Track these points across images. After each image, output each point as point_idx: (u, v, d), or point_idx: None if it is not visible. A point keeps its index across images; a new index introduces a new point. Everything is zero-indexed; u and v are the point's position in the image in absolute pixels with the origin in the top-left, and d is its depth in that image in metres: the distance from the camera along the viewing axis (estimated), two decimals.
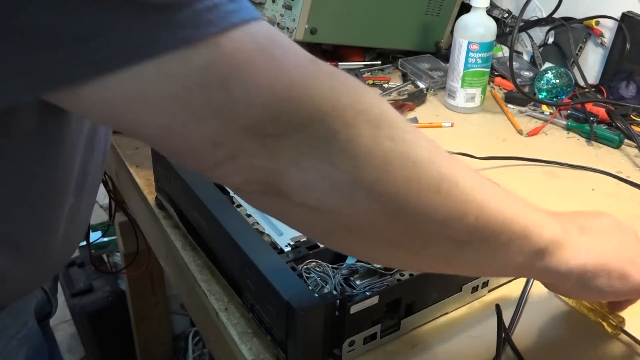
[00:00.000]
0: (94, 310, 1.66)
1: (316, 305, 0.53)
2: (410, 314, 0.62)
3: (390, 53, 1.28)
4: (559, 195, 0.88)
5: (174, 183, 0.74)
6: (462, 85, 1.11)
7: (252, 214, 0.67)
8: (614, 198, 0.89)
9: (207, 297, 0.67)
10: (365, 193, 0.39)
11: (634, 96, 1.11)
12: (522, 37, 1.30)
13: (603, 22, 1.17)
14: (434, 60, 1.27)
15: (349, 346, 0.57)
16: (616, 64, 1.13)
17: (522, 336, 0.63)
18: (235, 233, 0.61)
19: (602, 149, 1.02)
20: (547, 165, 0.96)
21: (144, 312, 1.62)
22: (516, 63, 1.22)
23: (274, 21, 1.10)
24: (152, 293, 1.59)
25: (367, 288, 0.58)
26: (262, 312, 0.60)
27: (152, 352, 1.70)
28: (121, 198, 1.10)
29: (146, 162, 0.90)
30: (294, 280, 0.56)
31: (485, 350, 0.61)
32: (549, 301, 0.68)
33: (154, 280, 1.57)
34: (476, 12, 1.07)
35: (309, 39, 1.11)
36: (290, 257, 0.60)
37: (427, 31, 1.27)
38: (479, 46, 1.07)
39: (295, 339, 0.54)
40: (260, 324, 0.60)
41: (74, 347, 1.98)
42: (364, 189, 0.39)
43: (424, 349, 0.61)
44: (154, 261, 1.30)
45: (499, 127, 1.08)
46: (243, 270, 0.60)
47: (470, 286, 0.66)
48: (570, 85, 1.13)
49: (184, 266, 0.73)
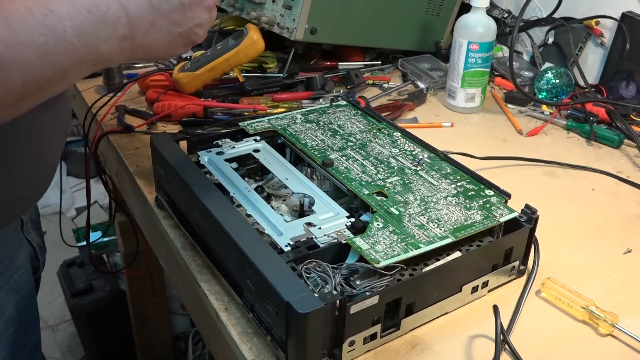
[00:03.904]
0: (94, 310, 1.67)
1: (316, 305, 0.53)
2: (410, 314, 0.62)
3: (390, 53, 1.29)
4: (559, 195, 0.89)
5: (173, 183, 0.74)
6: (462, 85, 1.11)
7: (252, 214, 0.67)
8: (614, 198, 0.89)
9: (207, 297, 0.67)
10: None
11: (634, 96, 1.11)
12: (522, 37, 1.30)
13: (603, 22, 1.17)
14: (434, 60, 1.27)
15: (349, 346, 0.58)
16: (616, 64, 1.13)
17: (520, 337, 0.63)
18: (235, 233, 0.61)
19: (602, 149, 1.02)
20: (547, 165, 0.96)
21: (144, 312, 1.62)
22: (516, 63, 1.22)
23: (274, 21, 1.10)
24: (152, 293, 1.60)
25: (367, 288, 0.58)
26: (262, 312, 0.60)
27: (152, 352, 1.71)
28: (121, 198, 1.10)
29: (146, 162, 0.90)
30: (294, 280, 0.56)
31: (485, 350, 0.61)
32: (547, 302, 0.68)
33: (154, 280, 1.58)
34: (476, 12, 1.07)
35: (309, 39, 1.11)
36: (290, 257, 0.60)
37: (427, 31, 1.27)
38: (479, 46, 1.08)
39: (295, 339, 0.55)
40: (260, 324, 0.60)
41: (74, 347, 1.98)
42: None
43: (424, 349, 0.61)
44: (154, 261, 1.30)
45: (499, 127, 1.08)
46: (243, 270, 0.60)
47: (470, 286, 0.66)
48: (570, 85, 1.13)
49: (184, 266, 0.73)
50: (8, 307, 0.71)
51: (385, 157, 0.77)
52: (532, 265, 0.71)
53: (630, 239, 0.79)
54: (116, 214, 1.32)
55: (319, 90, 1.10)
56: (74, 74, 0.51)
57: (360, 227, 0.65)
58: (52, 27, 0.47)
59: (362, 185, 0.71)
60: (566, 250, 0.77)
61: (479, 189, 0.72)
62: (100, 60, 0.52)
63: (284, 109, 1.04)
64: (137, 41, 0.54)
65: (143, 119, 1.01)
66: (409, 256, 0.60)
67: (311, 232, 0.64)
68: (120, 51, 0.53)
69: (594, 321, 0.65)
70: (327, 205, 0.69)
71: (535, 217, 0.68)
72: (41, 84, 0.48)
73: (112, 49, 0.52)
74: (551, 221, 0.78)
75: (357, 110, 0.90)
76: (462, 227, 0.65)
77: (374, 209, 0.67)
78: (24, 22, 0.45)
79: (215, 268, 0.69)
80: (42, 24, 0.46)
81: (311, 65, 1.21)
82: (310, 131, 0.83)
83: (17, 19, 0.45)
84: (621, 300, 0.69)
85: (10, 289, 0.71)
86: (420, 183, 0.72)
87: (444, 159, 0.78)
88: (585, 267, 0.74)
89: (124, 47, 0.53)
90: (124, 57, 0.54)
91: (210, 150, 0.78)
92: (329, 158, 0.76)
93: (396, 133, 0.83)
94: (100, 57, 0.52)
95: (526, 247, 0.70)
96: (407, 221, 0.65)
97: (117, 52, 0.53)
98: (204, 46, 1.20)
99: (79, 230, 2.19)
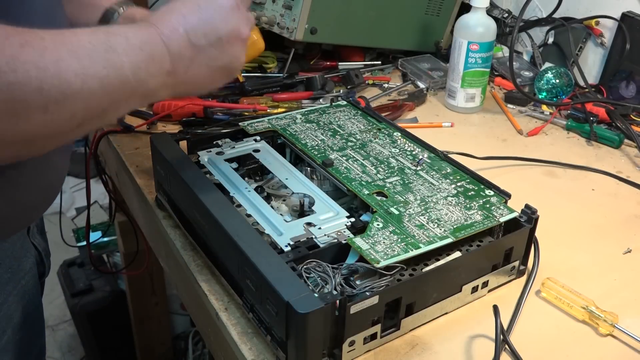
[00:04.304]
0: (94, 310, 1.67)
1: (316, 305, 0.53)
2: (410, 314, 0.62)
3: (390, 53, 1.29)
4: (558, 195, 0.89)
5: (173, 183, 0.74)
6: (462, 85, 1.11)
7: (252, 214, 0.67)
8: (614, 198, 0.89)
9: (207, 297, 0.67)
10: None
11: (634, 96, 1.11)
12: (522, 37, 1.30)
13: (603, 22, 1.17)
14: (434, 60, 1.27)
15: (349, 346, 0.58)
16: (616, 64, 1.13)
17: (520, 337, 0.63)
18: (235, 233, 0.61)
19: (602, 149, 1.02)
20: (547, 165, 0.96)
21: (144, 312, 1.62)
22: (516, 63, 1.22)
23: (274, 21, 1.10)
24: (152, 293, 1.60)
25: (367, 288, 0.58)
26: (262, 312, 0.60)
27: (152, 352, 1.71)
28: (121, 198, 1.10)
29: (146, 162, 0.90)
30: (294, 280, 0.56)
31: (485, 350, 0.61)
32: (547, 302, 0.68)
33: (154, 280, 1.58)
34: (476, 12, 1.07)
35: (309, 39, 1.11)
36: (290, 257, 0.60)
37: (427, 31, 1.27)
38: (479, 46, 1.08)
39: (295, 339, 0.55)
40: (260, 324, 0.60)
41: (74, 347, 1.98)
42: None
43: (424, 349, 0.61)
44: (154, 261, 1.30)
45: (499, 127, 1.08)
46: (243, 270, 0.60)
47: (470, 286, 0.66)
48: (570, 85, 1.13)
49: (184, 266, 0.73)
50: (16, 312, 0.71)
51: (385, 157, 0.77)
52: (532, 265, 0.71)
53: (630, 239, 0.79)
54: (116, 214, 1.32)
55: (319, 90, 1.11)
56: (124, 107, 0.55)
57: (360, 227, 0.65)
58: (112, 62, 0.51)
59: (362, 185, 0.71)
60: (566, 250, 0.77)
61: (479, 189, 0.72)
62: (148, 95, 0.56)
63: (284, 109, 1.04)
64: (179, 76, 0.57)
65: (143, 118, 1.01)
66: (409, 256, 0.60)
67: (311, 232, 0.64)
68: (165, 86, 0.57)
69: (594, 321, 0.65)
70: (327, 205, 0.69)
71: (535, 217, 0.68)
72: (98, 113, 0.52)
73: (158, 85, 0.56)
74: (551, 221, 0.77)
75: (357, 110, 0.90)
76: (462, 227, 0.65)
77: (374, 209, 0.67)
78: (89, 56, 0.50)
79: (215, 268, 0.69)
80: (104, 58, 0.51)
81: (311, 65, 1.21)
82: (310, 131, 0.83)
83: (83, 53, 0.49)
84: (621, 300, 0.69)
85: (18, 294, 0.71)
86: (420, 183, 0.72)
87: (444, 159, 0.78)
88: (585, 267, 0.74)
89: (168, 82, 0.57)
90: (167, 92, 0.58)
91: (210, 150, 0.78)
92: (329, 158, 0.76)
93: (396, 133, 0.83)
94: (148, 91, 0.56)
95: (526, 247, 0.70)
96: (407, 221, 0.65)
97: (162, 87, 0.57)
98: None
99: (79, 230, 2.19)
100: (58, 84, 0.47)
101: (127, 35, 0.53)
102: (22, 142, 0.48)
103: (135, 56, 0.53)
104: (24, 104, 0.45)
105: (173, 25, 0.57)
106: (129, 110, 0.57)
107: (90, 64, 0.49)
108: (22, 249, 0.73)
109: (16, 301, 0.71)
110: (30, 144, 0.49)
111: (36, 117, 0.47)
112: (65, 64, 0.48)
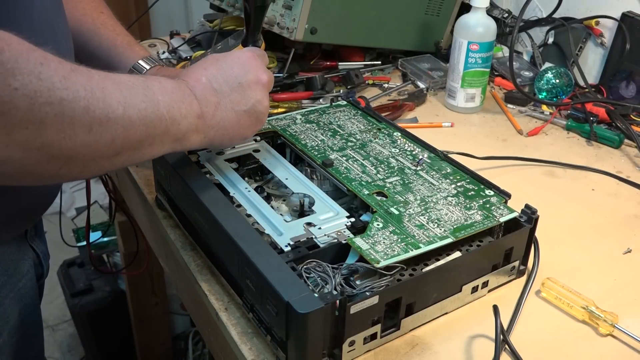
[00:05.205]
0: (94, 310, 1.66)
1: (316, 305, 0.53)
2: (410, 314, 0.62)
3: (390, 53, 1.28)
4: (559, 195, 0.89)
5: (173, 183, 0.74)
6: (462, 85, 1.11)
7: (252, 214, 0.67)
8: (614, 198, 0.89)
9: (207, 297, 0.67)
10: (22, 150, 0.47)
11: (634, 96, 1.11)
12: (522, 37, 1.30)
13: (603, 22, 1.17)
14: (434, 60, 1.27)
15: (349, 346, 0.58)
16: (616, 64, 1.13)
17: (520, 337, 0.63)
18: (235, 233, 0.61)
19: (602, 149, 1.02)
20: (547, 165, 0.96)
21: (144, 312, 1.62)
22: (516, 63, 1.22)
23: (274, 21, 1.10)
24: (152, 293, 1.60)
25: (367, 288, 0.58)
26: (262, 312, 0.60)
27: (152, 352, 1.71)
28: (121, 198, 1.10)
29: (146, 162, 0.89)
30: (294, 280, 0.56)
31: (485, 350, 0.61)
32: (547, 302, 0.68)
33: (154, 280, 1.57)
34: (476, 12, 1.07)
35: (309, 39, 1.11)
36: (290, 257, 0.60)
37: (427, 31, 1.27)
38: (479, 46, 1.08)
39: (295, 339, 0.55)
40: (260, 324, 0.60)
41: (74, 347, 1.98)
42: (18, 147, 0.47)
43: (424, 349, 0.62)
44: (153, 261, 1.30)
45: (499, 127, 1.08)
46: (243, 270, 0.60)
47: (470, 286, 0.66)
48: (570, 85, 1.13)
49: (184, 266, 0.73)
50: (12, 315, 0.72)
51: (385, 157, 0.77)
52: (532, 265, 0.71)
53: (630, 239, 0.79)
54: (116, 214, 1.32)
55: (319, 90, 1.10)
56: (158, 144, 0.58)
57: (360, 227, 0.65)
58: (150, 98, 0.56)
59: (362, 185, 0.71)
60: (566, 250, 0.77)
61: (479, 189, 0.72)
62: (180, 138, 0.60)
63: (284, 109, 1.04)
64: (207, 120, 0.62)
65: None
66: (409, 256, 0.60)
67: (311, 232, 0.64)
68: (196, 130, 0.61)
69: (594, 321, 0.65)
70: (327, 205, 0.69)
71: (535, 217, 0.68)
72: (134, 144, 0.55)
73: (189, 126, 0.60)
74: (551, 221, 0.78)
75: (357, 110, 0.90)
76: (462, 227, 0.65)
77: (374, 209, 0.67)
78: (130, 90, 0.55)
79: (215, 268, 0.69)
80: (143, 94, 0.56)
81: (311, 65, 1.21)
82: (310, 131, 0.83)
83: (124, 86, 0.54)
84: (621, 300, 0.69)
85: (15, 297, 0.72)
86: (420, 183, 0.72)
87: (444, 159, 0.78)
88: (585, 267, 0.74)
89: (199, 125, 0.61)
90: (198, 138, 0.62)
91: (210, 150, 0.78)
92: (329, 158, 0.76)
93: (396, 133, 0.83)
94: (180, 132, 0.60)
95: (526, 247, 0.70)
96: (407, 221, 0.65)
97: (193, 131, 0.61)
98: (203, 46, 1.20)
99: (79, 230, 2.18)
100: (103, 107, 0.51)
101: (160, 80, 0.59)
102: (65, 158, 0.50)
103: (168, 96, 0.58)
104: (72, 120, 0.49)
105: (196, 76, 0.63)
106: (161, 152, 0.60)
107: (130, 95, 0.54)
108: (19, 252, 0.73)
109: (13, 304, 0.71)
110: (71, 162, 0.51)
111: (81, 136, 0.50)
112: (109, 91, 0.52)
